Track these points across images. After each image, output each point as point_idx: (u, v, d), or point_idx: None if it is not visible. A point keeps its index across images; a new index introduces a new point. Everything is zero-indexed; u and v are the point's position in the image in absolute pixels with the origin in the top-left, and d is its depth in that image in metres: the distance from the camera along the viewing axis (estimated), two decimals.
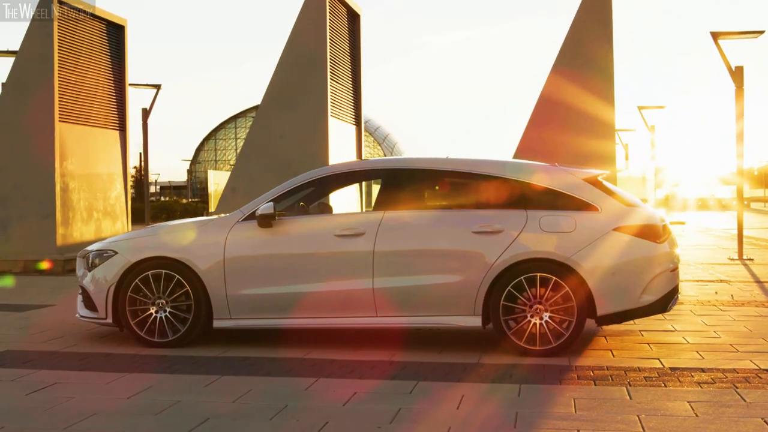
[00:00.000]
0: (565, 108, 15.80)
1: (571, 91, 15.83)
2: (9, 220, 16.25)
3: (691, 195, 72.84)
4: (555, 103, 15.90)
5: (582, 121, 15.67)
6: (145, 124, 28.49)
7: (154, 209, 52.97)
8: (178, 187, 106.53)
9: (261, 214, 8.07)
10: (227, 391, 6.43)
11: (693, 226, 35.69)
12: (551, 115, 15.95)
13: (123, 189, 18.73)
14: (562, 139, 15.67)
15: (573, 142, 15.61)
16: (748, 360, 7.47)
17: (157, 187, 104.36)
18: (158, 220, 50.69)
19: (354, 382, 6.69)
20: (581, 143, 15.60)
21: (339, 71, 17.63)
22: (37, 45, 16.20)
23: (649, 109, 34.67)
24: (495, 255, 7.74)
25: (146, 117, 28.50)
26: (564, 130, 15.70)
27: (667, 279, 7.92)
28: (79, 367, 7.35)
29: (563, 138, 15.66)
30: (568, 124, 15.68)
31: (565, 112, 15.78)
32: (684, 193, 72.77)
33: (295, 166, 15.92)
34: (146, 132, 28.53)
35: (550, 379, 6.77)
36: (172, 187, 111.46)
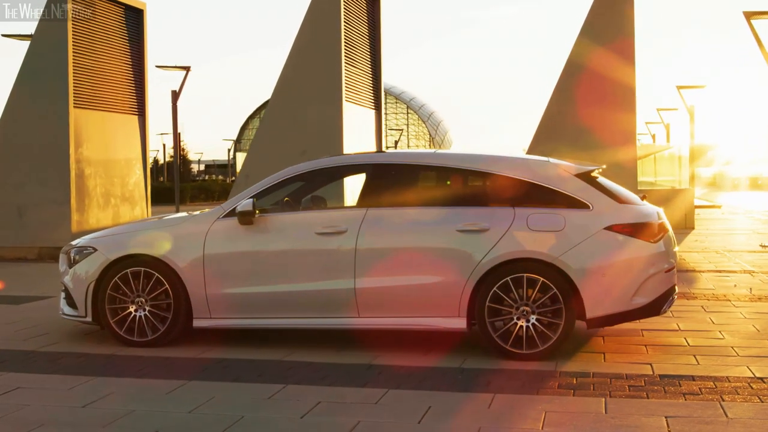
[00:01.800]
0: (587, 77, 15.30)
1: (593, 58, 15.33)
2: (25, 207, 16.23)
3: (743, 174, 71.50)
4: (578, 74, 15.38)
5: (603, 88, 15.14)
6: (174, 106, 28.40)
7: (193, 189, 53.19)
8: (223, 165, 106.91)
9: (240, 211, 7.83)
10: (188, 399, 6.22)
11: (734, 207, 35.01)
12: (575, 86, 15.44)
13: (142, 174, 18.64)
14: (583, 111, 15.19)
15: (594, 114, 15.13)
16: (745, 366, 7.10)
17: (200, 165, 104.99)
18: (197, 201, 50.99)
19: (321, 390, 6.43)
20: (602, 115, 15.11)
21: (356, 55, 17.32)
22: (52, 30, 16.09)
23: (689, 88, 33.92)
24: (480, 254, 7.43)
25: (176, 99, 28.41)
26: (586, 103, 15.20)
27: (662, 280, 7.55)
28: (49, 369, 7.18)
29: (585, 110, 15.18)
30: (590, 95, 15.19)
31: (587, 82, 15.28)
32: (735, 172, 71.47)
33: (310, 152, 15.64)
34: (176, 114, 28.45)
35: (528, 388, 6.46)
36: (216, 165, 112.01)
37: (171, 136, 79.00)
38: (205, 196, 53.38)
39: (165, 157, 77.03)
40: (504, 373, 6.92)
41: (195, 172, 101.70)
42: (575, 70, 15.39)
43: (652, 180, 38.25)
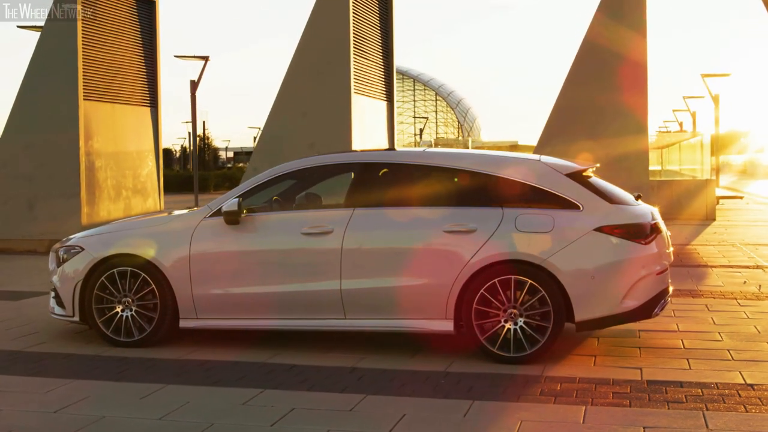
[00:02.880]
0: (599, 66, 15.04)
1: (606, 37, 15.07)
2: (35, 199, 16.26)
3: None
4: (592, 55, 15.10)
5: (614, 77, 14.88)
6: (193, 96, 28.41)
7: (217, 178, 53.21)
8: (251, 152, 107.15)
9: (226, 211, 7.74)
10: (161, 404, 6.14)
11: (761, 197, 34.55)
12: (586, 75, 15.18)
13: (155, 166, 18.63)
14: (594, 100, 14.94)
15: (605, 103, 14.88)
16: (737, 372, 6.92)
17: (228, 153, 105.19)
18: (221, 189, 50.95)
19: (298, 396, 6.34)
20: (614, 105, 14.86)
21: (366, 46, 17.17)
22: (62, 22, 16.06)
23: (714, 77, 33.47)
24: (467, 256, 7.29)
25: (194, 89, 28.41)
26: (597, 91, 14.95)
27: (653, 282, 7.37)
28: (30, 371, 7.14)
29: (596, 99, 14.93)
30: (601, 82, 14.93)
31: (599, 70, 15.02)
32: None
33: (318, 145, 15.59)
34: (194, 103, 28.45)
35: (509, 395, 6.33)
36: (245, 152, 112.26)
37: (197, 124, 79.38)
38: (230, 184, 53.29)
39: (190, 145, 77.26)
40: (488, 378, 6.79)
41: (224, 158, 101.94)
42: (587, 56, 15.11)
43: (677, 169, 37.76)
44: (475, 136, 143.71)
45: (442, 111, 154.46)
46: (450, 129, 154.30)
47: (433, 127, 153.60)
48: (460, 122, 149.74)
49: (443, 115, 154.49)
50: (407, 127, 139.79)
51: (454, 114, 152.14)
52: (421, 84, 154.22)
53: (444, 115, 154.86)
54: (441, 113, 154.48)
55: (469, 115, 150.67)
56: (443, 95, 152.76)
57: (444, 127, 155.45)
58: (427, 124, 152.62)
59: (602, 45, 14.92)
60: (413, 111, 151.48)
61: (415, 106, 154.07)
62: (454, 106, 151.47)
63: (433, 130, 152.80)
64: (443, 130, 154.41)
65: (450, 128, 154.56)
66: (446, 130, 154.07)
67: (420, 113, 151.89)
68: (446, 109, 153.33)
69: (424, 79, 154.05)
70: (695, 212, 23.50)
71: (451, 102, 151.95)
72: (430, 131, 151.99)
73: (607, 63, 14.83)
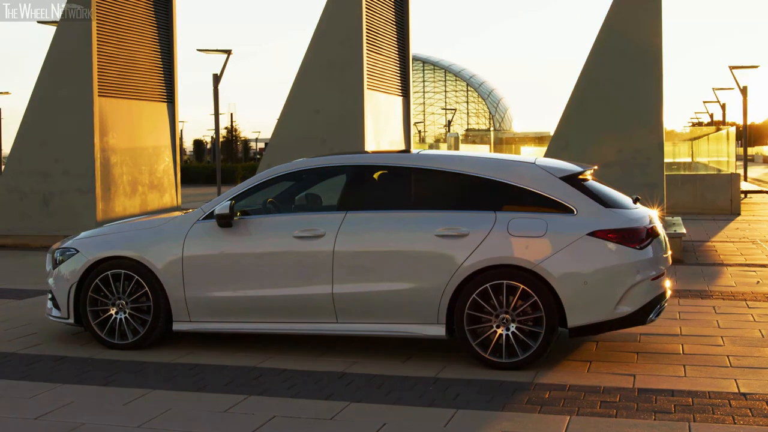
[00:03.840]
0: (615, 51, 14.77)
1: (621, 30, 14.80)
2: (51, 195, 16.33)
3: None
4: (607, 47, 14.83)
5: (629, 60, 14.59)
6: (215, 89, 28.47)
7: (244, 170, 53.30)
8: None
9: (218, 214, 7.70)
10: (144, 410, 6.12)
11: None
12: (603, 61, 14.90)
13: (172, 161, 18.65)
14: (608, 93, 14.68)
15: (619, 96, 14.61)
16: (732, 380, 6.79)
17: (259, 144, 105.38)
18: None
19: (282, 403, 6.29)
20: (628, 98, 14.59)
21: (381, 42, 17.07)
22: (76, 17, 16.09)
23: (742, 68, 33.05)
24: (459, 260, 7.20)
25: (217, 83, 28.46)
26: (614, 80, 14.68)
27: (648, 288, 7.24)
28: (19, 375, 7.13)
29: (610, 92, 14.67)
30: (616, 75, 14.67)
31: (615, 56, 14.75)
32: None
33: (330, 141, 15.54)
34: (217, 97, 28.52)
35: (495, 403, 6.24)
36: None
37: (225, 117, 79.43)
38: None
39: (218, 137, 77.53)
40: (477, 385, 6.70)
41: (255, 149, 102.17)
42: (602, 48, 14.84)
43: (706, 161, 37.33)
44: (507, 126, 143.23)
45: (473, 102, 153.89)
46: (481, 120, 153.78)
47: (464, 118, 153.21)
48: (492, 113, 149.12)
49: (474, 106, 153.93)
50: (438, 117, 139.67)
51: (485, 105, 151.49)
52: (452, 75, 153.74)
53: (475, 106, 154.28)
54: (472, 104, 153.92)
55: (501, 106, 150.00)
56: (474, 86, 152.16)
57: (475, 118, 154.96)
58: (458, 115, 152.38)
59: (617, 37, 14.68)
60: (444, 102, 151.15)
61: (446, 97, 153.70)
62: (486, 97, 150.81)
63: (464, 121, 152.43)
64: (474, 121, 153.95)
65: (481, 119, 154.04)
66: (477, 121, 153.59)
67: (451, 104, 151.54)
68: (477, 100, 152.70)
69: (455, 69, 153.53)
70: (720, 207, 23.24)
71: (482, 93, 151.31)
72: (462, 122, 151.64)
73: (622, 55, 14.58)
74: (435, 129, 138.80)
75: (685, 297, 10.52)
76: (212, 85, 28.30)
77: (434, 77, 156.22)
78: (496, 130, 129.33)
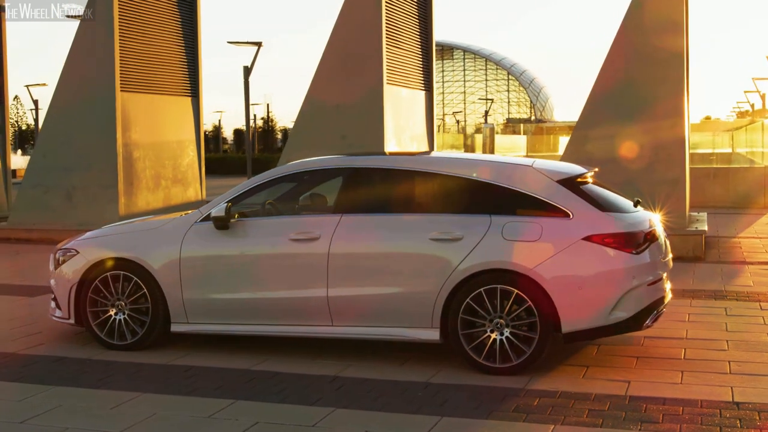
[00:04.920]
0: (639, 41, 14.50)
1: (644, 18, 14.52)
2: (74, 190, 16.48)
3: None
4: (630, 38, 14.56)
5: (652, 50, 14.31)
6: (246, 81, 28.55)
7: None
8: None
9: (214, 217, 7.71)
10: (129, 415, 6.14)
11: None
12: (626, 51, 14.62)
13: (196, 155, 18.73)
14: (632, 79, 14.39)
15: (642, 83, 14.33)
16: (729, 387, 6.68)
17: None
18: None
19: (268, 408, 6.28)
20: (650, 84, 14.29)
21: (401, 36, 16.98)
22: (99, 14, 16.21)
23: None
24: (453, 264, 7.14)
25: (248, 75, 28.53)
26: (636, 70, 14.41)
27: (644, 293, 7.13)
28: (15, 376, 7.19)
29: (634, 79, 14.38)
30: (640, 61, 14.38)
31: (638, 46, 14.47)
32: None
33: (350, 137, 15.52)
34: (248, 89, 28.60)
35: (482, 410, 6.18)
36: None
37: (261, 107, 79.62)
38: None
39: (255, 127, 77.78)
40: (468, 391, 6.65)
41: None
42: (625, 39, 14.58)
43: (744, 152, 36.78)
44: (548, 116, 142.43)
45: (514, 91, 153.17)
46: (522, 109, 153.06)
47: (505, 107, 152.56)
48: (533, 102, 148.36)
49: (515, 94, 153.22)
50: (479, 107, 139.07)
51: (526, 94, 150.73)
52: (492, 63, 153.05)
53: (516, 95, 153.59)
54: (513, 93, 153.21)
55: (542, 95, 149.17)
56: (515, 75, 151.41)
57: (516, 107, 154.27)
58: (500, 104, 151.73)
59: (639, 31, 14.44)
60: (485, 91, 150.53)
61: (486, 86, 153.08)
62: (527, 86, 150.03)
63: (505, 110, 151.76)
64: (515, 110, 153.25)
65: (522, 108, 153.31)
66: (519, 110, 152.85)
67: (492, 93, 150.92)
68: (519, 89, 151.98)
69: (496, 58, 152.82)
70: (752, 201, 22.89)
71: (523, 82, 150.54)
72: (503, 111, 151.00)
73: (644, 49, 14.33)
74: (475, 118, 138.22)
75: (698, 297, 10.38)
76: (243, 78, 28.34)
77: (475, 66, 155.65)
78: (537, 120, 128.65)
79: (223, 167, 52.68)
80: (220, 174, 47.98)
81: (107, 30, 16.11)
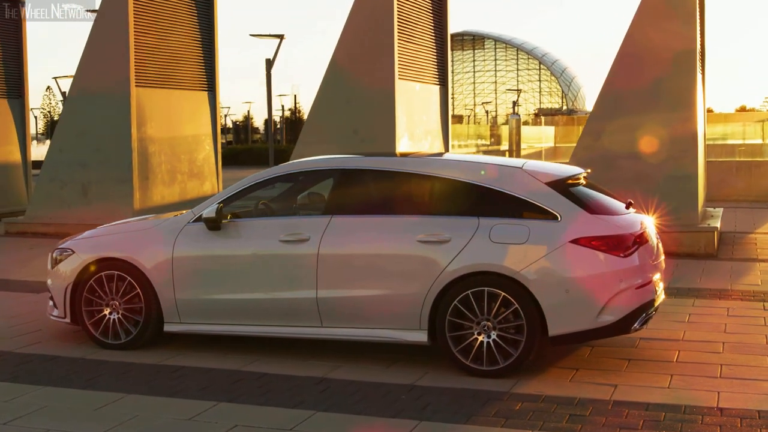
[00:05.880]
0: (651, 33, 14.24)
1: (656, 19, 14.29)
2: (89, 184, 16.60)
3: None
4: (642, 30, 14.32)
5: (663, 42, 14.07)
6: (268, 74, 28.61)
7: None
8: None
9: (205, 218, 7.75)
10: (112, 416, 6.19)
11: None
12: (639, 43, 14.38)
13: (212, 149, 18.80)
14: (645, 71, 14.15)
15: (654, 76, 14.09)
16: (716, 392, 6.62)
17: None
18: None
19: (249, 410, 6.31)
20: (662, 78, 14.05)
21: (414, 30, 16.92)
22: (114, 10, 16.30)
23: None
24: (441, 266, 7.13)
25: (270, 67, 28.60)
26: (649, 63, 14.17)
27: (632, 297, 7.08)
28: (7, 376, 7.26)
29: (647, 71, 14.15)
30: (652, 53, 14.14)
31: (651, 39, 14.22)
32: None
33: (363, 132, 15.51)
34: (269, 81, 28.64)
35: (461, 415, 6.17)
36: None
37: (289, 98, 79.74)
38: None
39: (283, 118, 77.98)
40: (452, 394, 6.64)
41: None
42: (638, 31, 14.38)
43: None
44: (580, 106, 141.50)
45: (545, 81, 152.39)
46: (554, 99, 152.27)
47: (536, 97, 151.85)
48: (564, 92, 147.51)
49: (547, 84, 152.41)
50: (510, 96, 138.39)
51: (557, 84, 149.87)
52: (524, 53, 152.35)
53: (548, 85, 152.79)
54: (545, 83, 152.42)
55: (574, 85, 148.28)
56: (547, 64, 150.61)
57: (548, 97, 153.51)
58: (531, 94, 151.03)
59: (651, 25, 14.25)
60: (516, 81, 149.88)
61: (518, 76, 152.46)
62: (558, 76, 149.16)
63: (537, 100, 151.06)
64: (547, 99, 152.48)
65: (554, 98, 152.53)
66: (550, 100, 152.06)
67: (523, 82, 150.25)
68: (550, 79, 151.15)
69: (528, 48, 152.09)
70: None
71: (555, 71, 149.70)
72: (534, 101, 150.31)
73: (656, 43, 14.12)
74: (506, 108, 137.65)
75: (702, 297, 10.29)
76: (265, 70, 28.41)
77: (506, 56, 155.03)
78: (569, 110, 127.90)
79: (251, 157, 53.09)
80: (248, 164, 48.15)
81: (122, 25, 16.19)
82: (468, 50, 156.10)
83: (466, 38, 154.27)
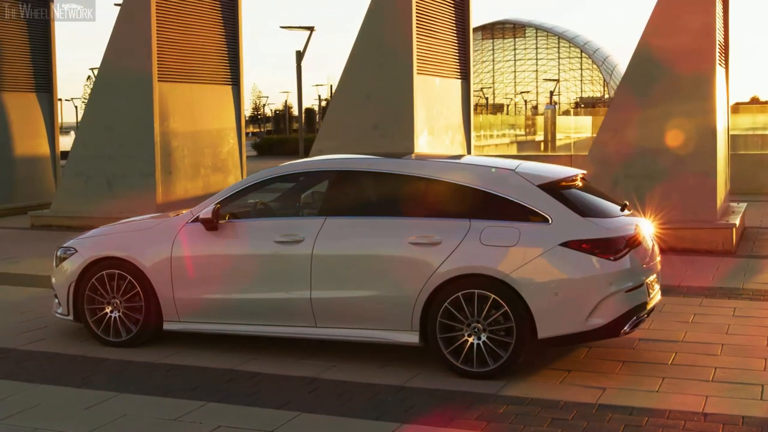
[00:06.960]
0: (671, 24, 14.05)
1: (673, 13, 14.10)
2: (114, 178, 16.83)
3: None
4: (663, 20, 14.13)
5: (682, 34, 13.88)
6: (298, 66, 28.71)
7: None
8: None
9: (202, 218, 7.85)
10: (100, 415, 6.31)
11: None
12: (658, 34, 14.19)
13: (236, 143, 18.95)
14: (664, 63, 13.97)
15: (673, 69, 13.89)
16: (704, 396, 6.59)
17: None
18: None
19: (235, 411, 6.39)
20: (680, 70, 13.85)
21: (434, 24, 16.90)
22: (136, 3, 16.47)
23: None
24: (432, 268, 7.17)
25: (300, 59, 28.70)
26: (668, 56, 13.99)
27: (623, 300, 7.06)
28: (6, 373, 7.41)
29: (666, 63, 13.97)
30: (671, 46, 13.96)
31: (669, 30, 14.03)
32: None
33: (382, 127, 15.56)
34: (300, 74, 28.74)
35: (444, 418, 6.21)
36: None
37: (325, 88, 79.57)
38: None
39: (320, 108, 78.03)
40: (439, 396, 6.68)
41: None
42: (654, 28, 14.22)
43: None
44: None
45: (587, 69, 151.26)
46: (596, 87, 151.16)
47: (578, 85, 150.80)
48: (606, 80, 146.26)
49: (588, 73, 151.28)
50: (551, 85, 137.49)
51: (599, 72, 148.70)
52: (565, 42, 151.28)
53: (590, 73, 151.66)
54: (586, 71, 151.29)
55: (615, 73, 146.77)
56: (589, 53, 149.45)
57: (590, 86, 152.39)
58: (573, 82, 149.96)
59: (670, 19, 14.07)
60: (557, 70, 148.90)
61: (559, 65, 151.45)
62: (600, 64, 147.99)
63: (578, 88, 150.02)
64: (589, 88, 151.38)
65: (596, 86, 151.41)
66: (592, 89, 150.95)
67: (564, 71, 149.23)
68: (591, 67, 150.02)
69: (569, 36, 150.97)
70: None
71: (596, 60, 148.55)
72: (575, 90, 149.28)
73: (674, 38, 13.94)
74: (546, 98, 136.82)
75: (712, 296, 10.21)
76: (295, 62, 28.52)
77: (548, 44, 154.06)
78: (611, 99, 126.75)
79: (286, 148, 53.51)
80: (283, 155, 48.42)
81: (145, 20, 16.35)
82: (509, 39, 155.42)
83: (506, 26, 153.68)
